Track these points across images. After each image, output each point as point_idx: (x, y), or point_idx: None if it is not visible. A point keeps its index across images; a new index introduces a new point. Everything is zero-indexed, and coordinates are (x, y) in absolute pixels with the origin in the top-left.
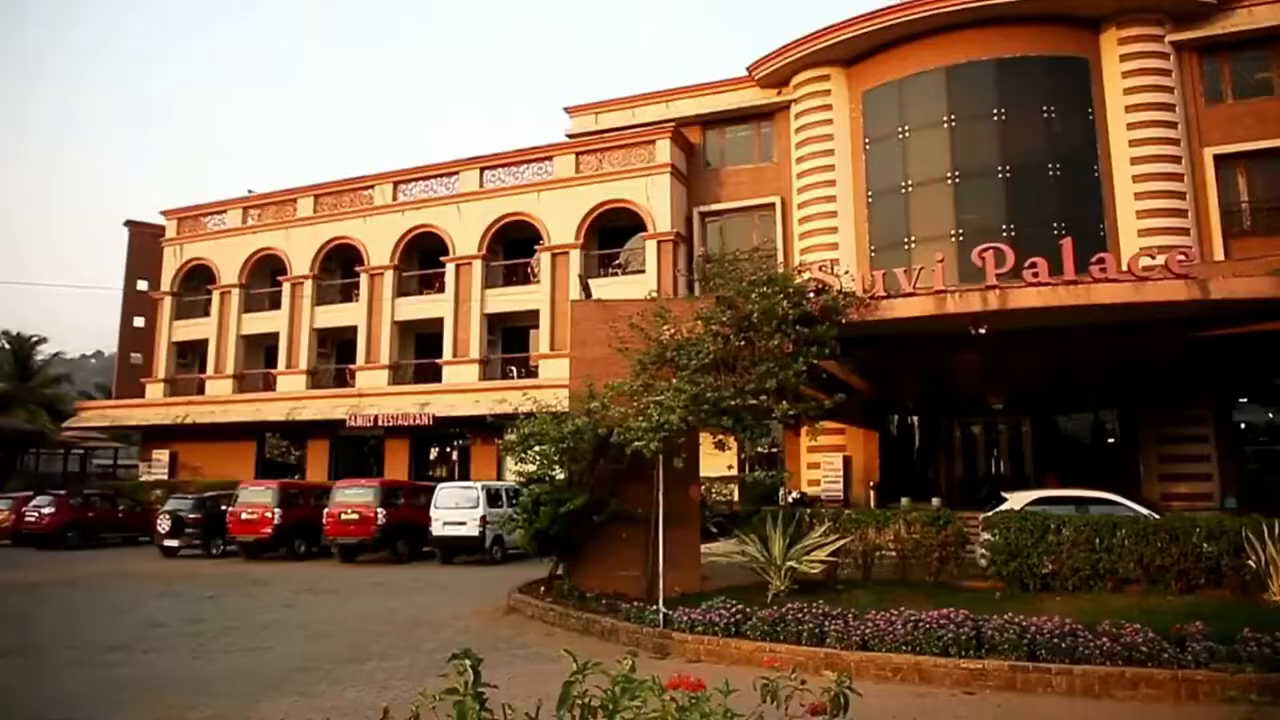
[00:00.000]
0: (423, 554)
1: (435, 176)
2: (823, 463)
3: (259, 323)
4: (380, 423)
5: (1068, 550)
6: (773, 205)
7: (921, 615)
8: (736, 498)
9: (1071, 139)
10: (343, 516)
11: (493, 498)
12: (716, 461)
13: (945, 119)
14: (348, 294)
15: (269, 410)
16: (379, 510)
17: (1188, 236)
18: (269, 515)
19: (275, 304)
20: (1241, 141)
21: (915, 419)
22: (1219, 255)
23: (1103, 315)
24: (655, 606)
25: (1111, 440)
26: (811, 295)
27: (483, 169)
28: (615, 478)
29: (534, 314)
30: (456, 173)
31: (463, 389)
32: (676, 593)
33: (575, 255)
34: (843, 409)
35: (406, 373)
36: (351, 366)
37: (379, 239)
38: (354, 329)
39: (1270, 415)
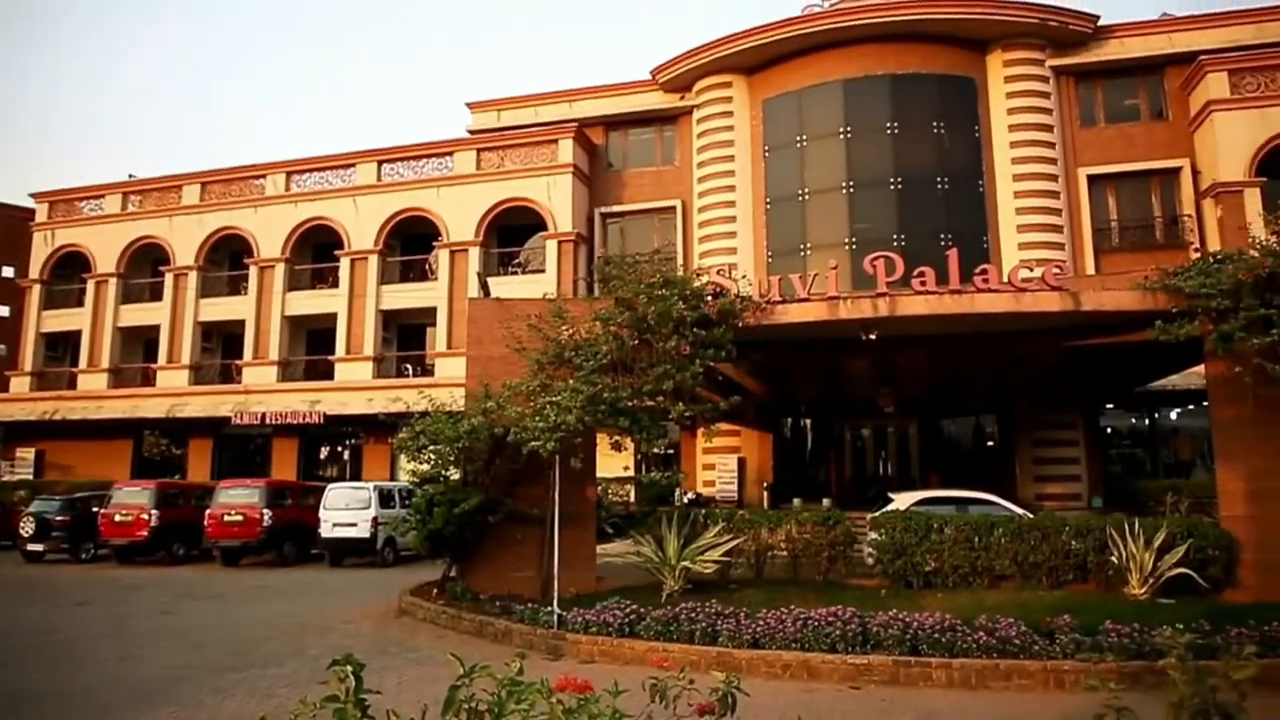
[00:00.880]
0: (311, 556)
1: (331, 168)
2: (718, 464)
3: (138, 314)
4: (268, 421)
5: (949, 549)
6: (674, 208)
7: (811, 613)
8: (633, 498)
9: (959, 154)
10: (226, 518)
11: (385, 498)
12: (613, 462)
13: (842, 130)
14: (235, 287)
15: (148, 407)
16: (264, 511)
17: (1063, 251)
18: (145, 517)
19: (157, 295)
20: (1112, 163)
21: (808, 421)
22: (1090, 269)
23: (985, 323)
24: (549, 608)
25: (991, 443)
26: (709, 298)
27: (380, 162)
28: (511, 478)
29: (431, 311)
30: (353, 165)
31: (356, 387)
32: (571, 593)
33: (475, 253)
34: (738, 411)
35: (297, 369)
36: (238, 362)
37: (270, 230)
38: (242, 323)
39: (1133, 420)
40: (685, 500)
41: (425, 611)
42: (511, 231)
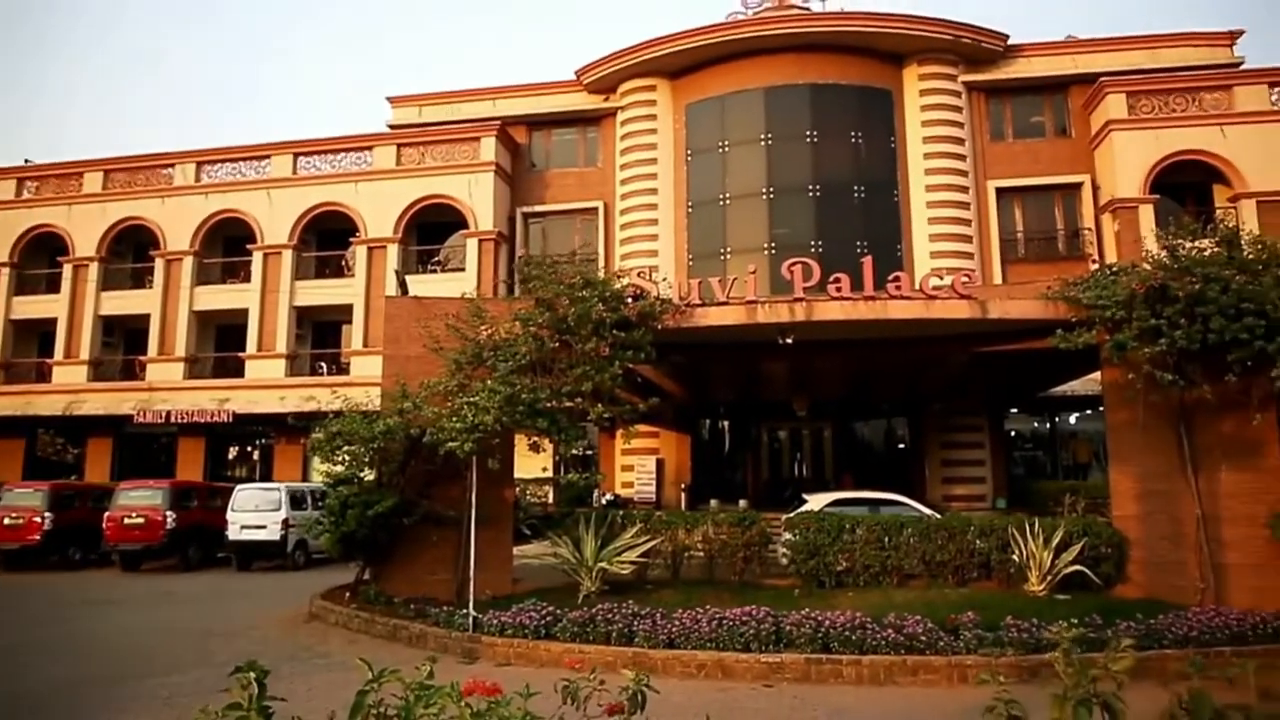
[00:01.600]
0: (217, 560)
1: (244, 159)
2: (637, 465)
3: (32, 306)
4: (173, 419)
5: (860, 549)
6: (596, 210)
7: (726, 613)
8: (551, 499)
9: (875, 164)
10: (126, 520)
11: (296, 500)
12: (531, 463)
13: (763, 137)
14: (140, 280)
15: (42, 404)
16: (168, 513)
17: (972, 260)
18: (38, 520)
19: (54, 287)
20: (1019, 177)
21: (726, 423)
22: (998, 279)
23: (897, 329)
24: (465, 610)
25: (902, 445)
26: (629, 300)
27: (296, 155)
28: (427, 479)
29: (347, 309)
30: (268, 157)
31: (267, 385)
32: (487, 595)
33: (393, 250)
34: (657, 412)
35: (205, 366)
36: (142, 358)
37: (178, 222)
38: (146, 318)
39: (1035, 424)
40: (603, 501)
41: (337, 616)
42: (431, 229)
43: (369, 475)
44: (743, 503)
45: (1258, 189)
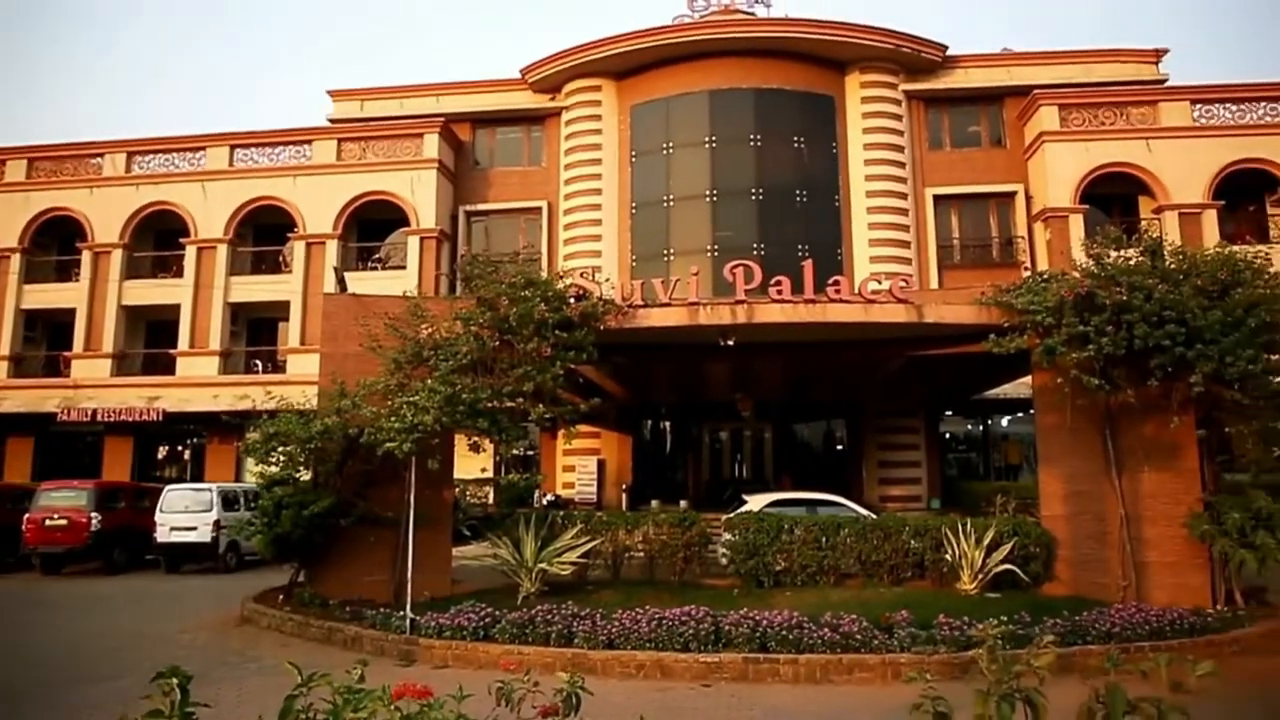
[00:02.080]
0: (146, 563)
1: (177, 150)
2: (578, 465)
3: None
4: (100, 418)
5: (798, 549)
6: (539, 209)
7: (665, 613)
8: (491, 500)
9: (817, 169)
10: (48, 522)
11: (229, 501)
12: (471, 463)
13: (707, 140)
14: (66, 272)
15: None
16: (92, 515)
17: (910, 265)
18: None
19: None
20: (955, 184)
21: (668, 424)
22: (934, 284)
23: (836, 332)
24: (402, 612)
25: (841, 446)
26: (572, 301)
27: (233, 147)
28: (365, 479)
29: (284, 306)
30: (203, 148)
31: (199, 383)
32: (425, 597)
33: (332, 246)
34: (599, 413)
35: (134, 363)
36: (66, 354)
37: (107, 213)
38: (72, 312)
39: (969, 426)
40: (544, 502)
41: (270, 619)
42: (372, 226)
43: (305, 476)
44: (683, 503)
45: (1179, 201)
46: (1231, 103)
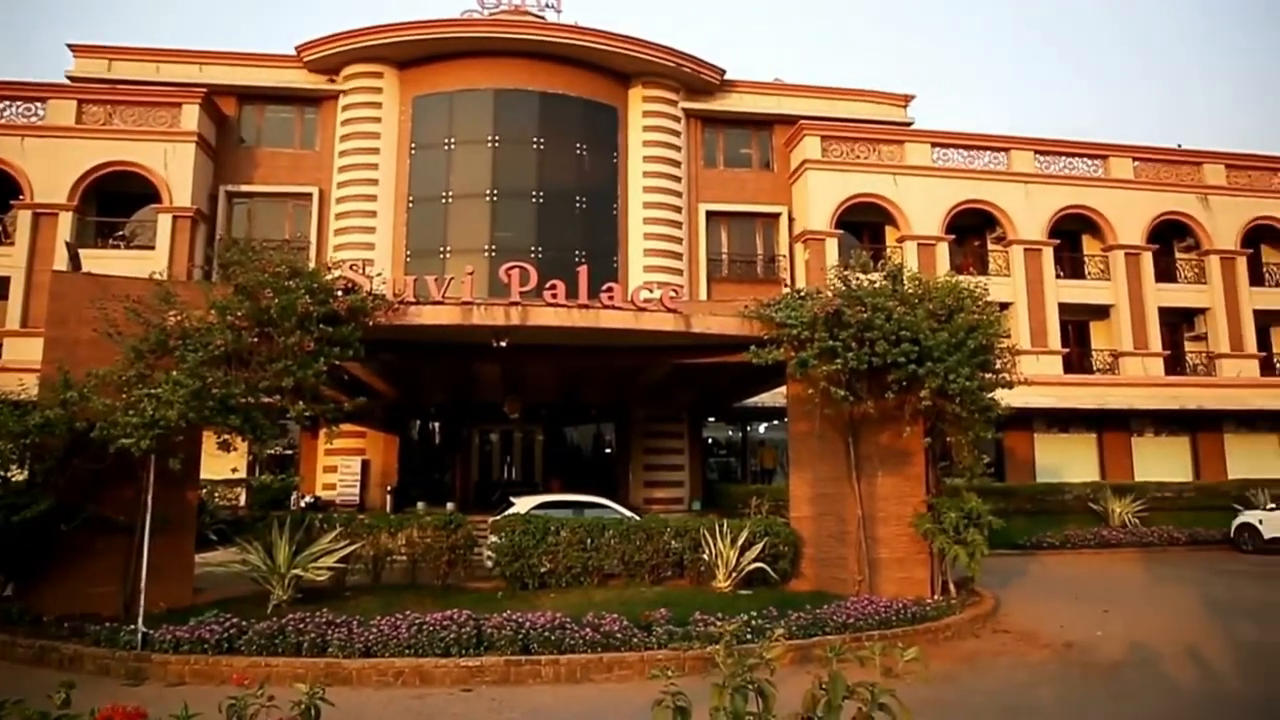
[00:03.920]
0: None
1: None
2: (340, 466)
3: None
4: None
5: (564, 550)
6: (310, 195)
7: (426, 618)
8: (243, 502)
9: (598, 176)
10: None
11: None
12: (221, 463)
13: (490, 138)
14: None
15: None
16: None
17: (681, 276)
18: None
19: None
20: (726, 202)
21: (437, 424)
22: (703, 295)
23: (608, 337)
24: (133, 626)
25: (609, 449)
26: (339, 294)
27: None
28: (94, 479)
29: (3, 281)
30: None
31: None
32: (162, 609)
33: (66, 218)
34: (364, 412)
35: None
36: None
37: None
38: None
39: (729, 432)
40: (303, 504)
41: None
42: (116, 199)
43: (18, 475)
44: (451, 505)
45: (919, 233)
46: (964, 149)
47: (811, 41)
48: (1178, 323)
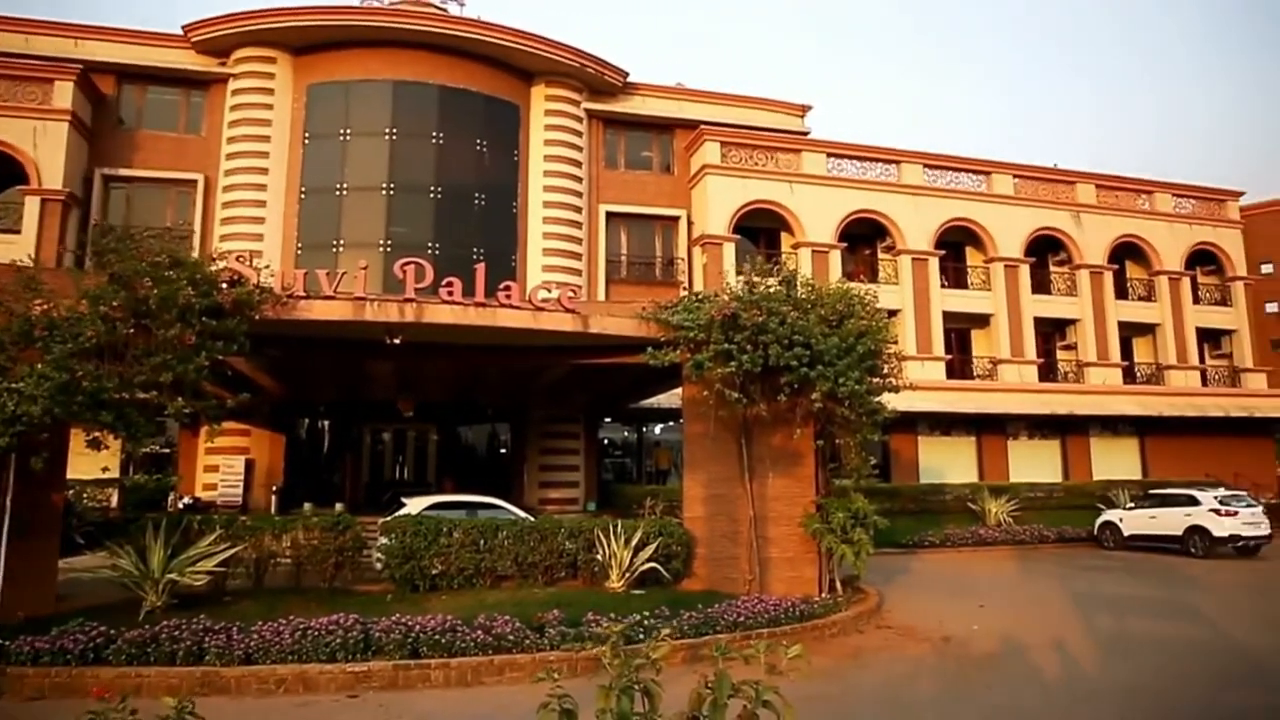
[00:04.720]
0: None
1: None
2: (222, 465)
3: None
4: None
5: (456, 551)
6: (195, 182)
7: (311, 623)
8: (115, 503)
9: (498, 174)
10: None
11: None
12: (90, 462)
13: (387, 131)
14: None
15: None
16: None
17: (579, 276)
18: None
19: None
20: (627, 204)
21: (327, 422)
22: (601, 296)
23: (505, 336)
24: None
25: (504, 450)
26: (224, 286)
27: None
28: None
29: None
30: None
31: None
32: (20, 618)
33: None
34: (249, 409)
35: None
36: None
37: None
38: None
39: (625, 433)
40: (181, 505)
41: None
42: None
43: None
44: (339, 506)
45: (813, 240)
46: (858, 159)
47: (715, 48)
48: (1051, 332)
